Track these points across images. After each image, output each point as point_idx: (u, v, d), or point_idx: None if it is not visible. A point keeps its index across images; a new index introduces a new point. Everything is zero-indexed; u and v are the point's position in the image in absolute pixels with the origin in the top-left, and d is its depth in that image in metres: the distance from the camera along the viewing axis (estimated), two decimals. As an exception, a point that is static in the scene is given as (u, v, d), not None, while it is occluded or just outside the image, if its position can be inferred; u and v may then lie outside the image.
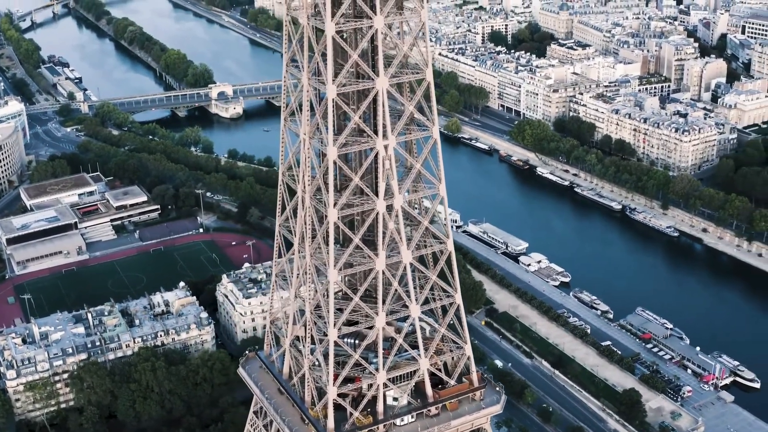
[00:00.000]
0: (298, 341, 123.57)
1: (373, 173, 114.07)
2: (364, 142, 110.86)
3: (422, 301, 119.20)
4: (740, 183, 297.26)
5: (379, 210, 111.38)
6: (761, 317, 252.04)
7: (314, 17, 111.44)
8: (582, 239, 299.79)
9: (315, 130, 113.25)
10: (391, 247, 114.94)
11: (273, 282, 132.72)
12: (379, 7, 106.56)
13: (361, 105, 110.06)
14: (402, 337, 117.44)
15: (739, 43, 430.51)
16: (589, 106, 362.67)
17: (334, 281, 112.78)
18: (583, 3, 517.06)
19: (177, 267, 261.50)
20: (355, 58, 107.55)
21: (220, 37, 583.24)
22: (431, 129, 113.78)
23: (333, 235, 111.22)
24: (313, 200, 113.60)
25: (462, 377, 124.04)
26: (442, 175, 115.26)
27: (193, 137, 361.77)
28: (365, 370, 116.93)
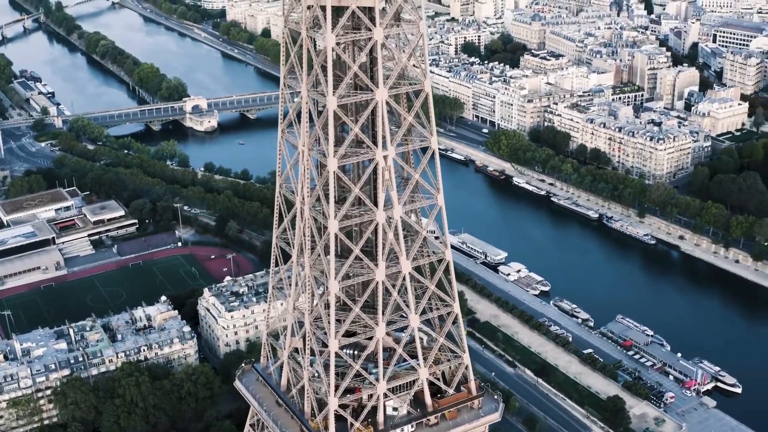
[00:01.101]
0: (296, 353, 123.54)
1: (371, 184, 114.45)
2: (364, 154, 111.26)
3: (420, 311, 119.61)
4: (715, 190, 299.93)
5: (378, 221, 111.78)
6: (739, 323, 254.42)
7: (312, 29, 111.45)
8: (560, 248, 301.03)
9: (314, 141, 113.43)
10: (389, 258, 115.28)
11: (270, 294, 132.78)
12: (379, 20, 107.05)
13: (359, 116, 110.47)
14: (402, 347, 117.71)
15: (710, 52, 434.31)
16: (564, 116, 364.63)
17: (335, 292, 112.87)
18: (554, 14, 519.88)
19: (156, 281, 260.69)
20: (355, 69, 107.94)
21: (192, 50, 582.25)
22: (430, 139, 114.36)
23: (334, 247, 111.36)
24: (312, 212, 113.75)
25: (460, 386, 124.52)
26: (440, 185, 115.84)
27: (169, 151, 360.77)
28: (365, 381, 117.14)
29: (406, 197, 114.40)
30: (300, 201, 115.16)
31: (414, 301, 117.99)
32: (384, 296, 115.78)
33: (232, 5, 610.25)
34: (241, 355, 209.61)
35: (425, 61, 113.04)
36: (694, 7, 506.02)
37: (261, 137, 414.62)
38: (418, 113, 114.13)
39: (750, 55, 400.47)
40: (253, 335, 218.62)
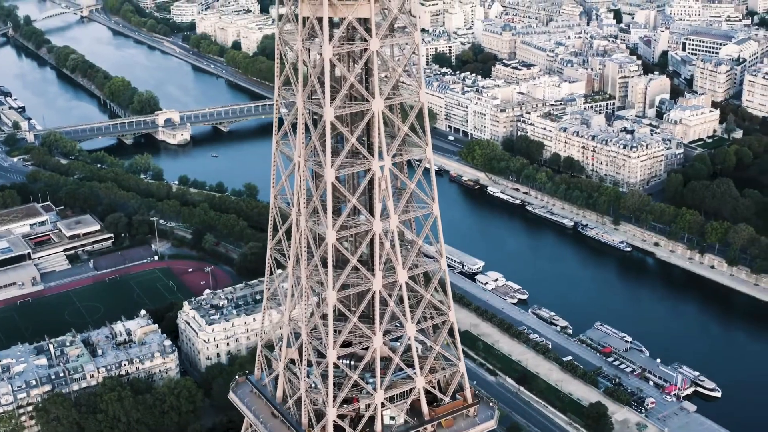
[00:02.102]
0: (292, 364, 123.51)
1: (367, 194, 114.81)
2: (360, 164, 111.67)
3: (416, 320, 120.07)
4: (689, 197, 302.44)
5: (375, 230, 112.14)
6: (716, 328, 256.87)
7: (308, 40, 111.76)
8: (536, 257, 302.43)
9: (310, 152, 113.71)
10: (385, 267, 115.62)
11: (264, 306, 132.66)
12: (375, 30, 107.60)
13: (354, 126, 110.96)
14: (399, 356, 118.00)
15: (680, 60, 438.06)
16: (537, 125, 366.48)
17: (333, 303, 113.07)
18: (524, 24, 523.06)
19: (134, 295, 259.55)
20: (352, 80, 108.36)
21: (162, 63, 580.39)
22: (425, 149, 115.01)
23: (332, 257, 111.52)
24: (308, 222, 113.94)
25: (456, 394, 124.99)
26: (435, 195, 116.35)
27: (143, 164, 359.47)
28: (362, 391, 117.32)
29: (402, 207, 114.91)
30: (296, 212, 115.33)
31: (410, 311, 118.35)
32: (380, 306, 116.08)
33: (202, 18, 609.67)
34: (222, 368, 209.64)
35: (420, 71, 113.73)
36: (663, 16, 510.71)
37: (234, 150, 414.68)
38: (413, 123, 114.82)
39: (720, 62, 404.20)
40: (234, 348, 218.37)
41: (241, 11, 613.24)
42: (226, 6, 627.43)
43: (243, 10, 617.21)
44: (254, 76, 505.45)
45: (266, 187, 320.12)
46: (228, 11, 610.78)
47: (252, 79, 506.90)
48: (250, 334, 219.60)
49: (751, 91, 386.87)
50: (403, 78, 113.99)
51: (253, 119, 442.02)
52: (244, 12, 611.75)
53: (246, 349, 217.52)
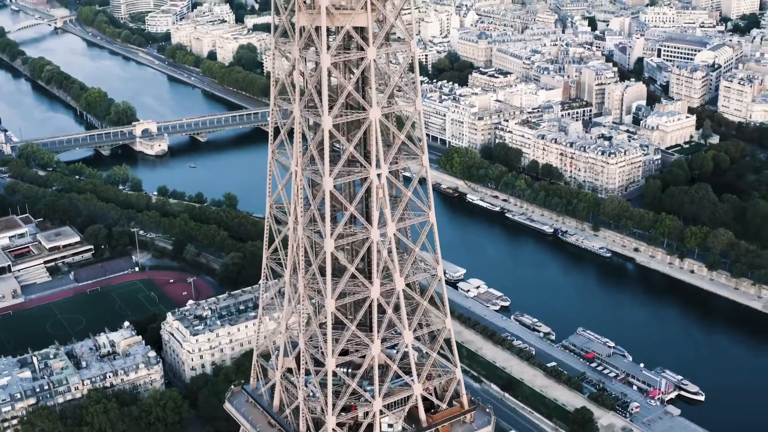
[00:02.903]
0: (289, 373, 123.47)
1: (363, 202, 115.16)
2: (358, 172, 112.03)
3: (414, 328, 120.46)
4: (668, 202, 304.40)
5: (373, 238, 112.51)
6: (697, 332, 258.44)
7: (304, 49, 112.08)
8: (517, 263, 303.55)
9: (308, 161, 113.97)
10: (382, 275, 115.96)
11: (260, 315, 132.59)
12: (372, 39, 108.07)
13: (351, 135, 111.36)
14: (397, 363, 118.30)
15: (656, 66, 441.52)
16: (515, 133, 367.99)
17: (332, 311, 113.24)
18: (500, 32, 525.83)
19: (116, 307, 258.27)
20: (350, 89, 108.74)
21: (137, 74, 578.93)
22: (421, 157, 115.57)
23: (330, 266, 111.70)
24: (306, 231, 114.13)
25: (452, 401, 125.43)
26: (432, 203, 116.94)
27: (121, 175, 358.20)
28: (360, 398, 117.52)
29: (398, 214, 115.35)
30: (293, 221, 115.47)
31: (407, 318, 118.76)
32: (378, 314, 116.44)
33: (177, 28, 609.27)
34: (207, 379, 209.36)
35: (416, 79, 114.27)
36: (638, 23, 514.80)
37: (212, 160, 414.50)
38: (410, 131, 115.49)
39: (695, 68, 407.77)
40: (219, 359, 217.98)
41: (216, 21, 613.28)
42: (201, 16, 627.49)
43: (218, 20, 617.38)
44: (230, 86, 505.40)
45: (246, 197, 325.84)
46: (203, 21, 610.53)
47: (228, 89, 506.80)
48: (235, 345, 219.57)
49: (727, 96, 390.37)
50: (398, 86, 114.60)
51: (230, 129, 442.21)
52: (219, 22, 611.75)
53: (230, 359, 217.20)
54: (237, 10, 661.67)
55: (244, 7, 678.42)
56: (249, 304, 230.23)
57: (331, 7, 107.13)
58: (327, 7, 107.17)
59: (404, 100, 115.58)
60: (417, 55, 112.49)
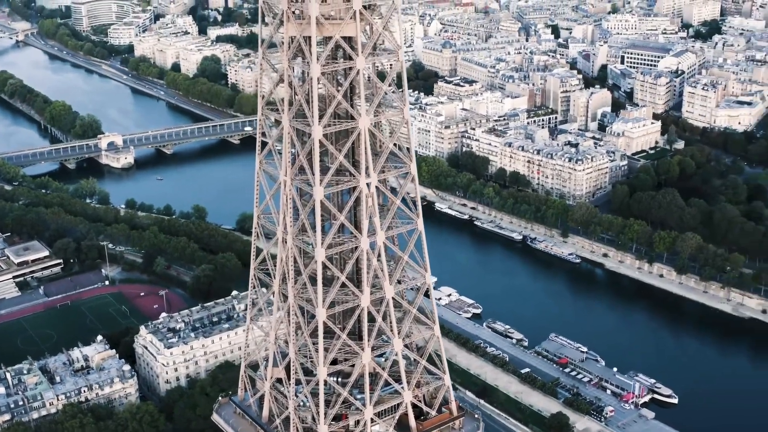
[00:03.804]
0: (279, 383, 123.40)
1: (352, 211, 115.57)
2: (347, 181, 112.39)
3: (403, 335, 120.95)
4: (636, 207, 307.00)
5: (363, 247, 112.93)
6: (668, 335, 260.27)
7: (292, 60, 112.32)
8: (487, 271, 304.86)
9: (297, 171, 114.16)
10: (372, 284, 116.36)
11: (248, 325, 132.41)
12: (360, 49, 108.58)
13: (339, 144, 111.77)
14: (387, 371, 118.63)
15: (619, 73, 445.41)
16: (482, 141, 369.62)
17: (323, 320, 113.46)
18: (464, 41, 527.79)
19: (87, 321, 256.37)
20: (339, 98, 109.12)
21: (101, 86, 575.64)
22: (409, 165, 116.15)
23: (321, 275, 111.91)
24: (295, 241, 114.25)
25: (441, 407, 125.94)
26: (420, 211, 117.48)
27: (88, 189, 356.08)
28: (351, 407, 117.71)
29: (388, 223, 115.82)
30: (282, 231, 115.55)
31: (397, 326, 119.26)
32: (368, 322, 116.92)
33: (140, 40, 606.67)
34: (183, 392, 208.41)
35: (404, 88, 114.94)
36: (600, 31, 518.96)
37: (179, 172, 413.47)
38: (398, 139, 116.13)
39: (659, 75, 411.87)
40: (193, 371, 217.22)
41: (179, 33, 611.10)
42: (164, 28, 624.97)
43: (181, 32, 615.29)
44: (195, 97, 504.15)
45: (214, 208, 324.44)
46: (166, 33, 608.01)
47: (193, 101, 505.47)
48: (209, 357, 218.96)
49: (691, 102, 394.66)
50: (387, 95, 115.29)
51: (196, 141, 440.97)
52: (183, 34, 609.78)
53: (205, 371, 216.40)
54: (200, 21, 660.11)
55: (206, 19, 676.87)
56: (222, 316, 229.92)
57: (321, 17, 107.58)
58: (316, 17, 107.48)
59: (391, 109, 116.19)
60: (404, 64, 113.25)
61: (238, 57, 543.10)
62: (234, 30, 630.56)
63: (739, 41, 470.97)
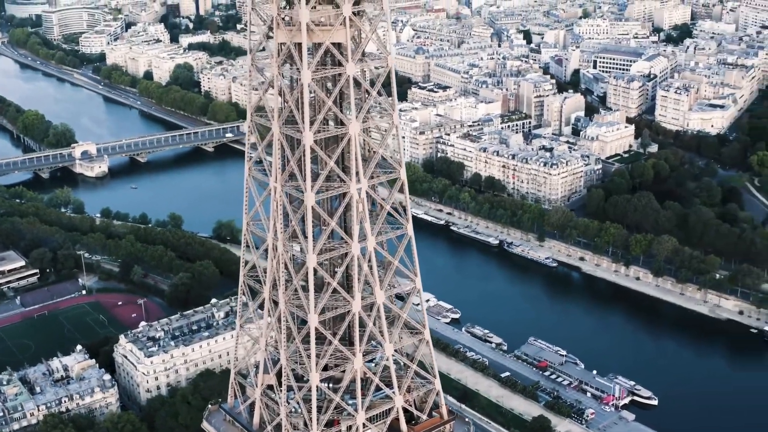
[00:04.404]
0: (269, 389, 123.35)
1: (342, 217, 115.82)
2: (338, 187, 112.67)
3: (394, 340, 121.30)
4: (611, 211, 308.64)
5: (354, 253, 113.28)
6: (646, 337, 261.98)
7: (282, 66, 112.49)
8: (465, 276, 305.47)
9: (288, 177, 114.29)
10: (362, 289, 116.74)
11: (237, 332, 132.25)
12: (350, 55, 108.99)
13: (329, 150, 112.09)
14: (378, 376, 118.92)
15: (592, 77, 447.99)
16: (457, 146, 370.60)
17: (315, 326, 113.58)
18: (437, 47, 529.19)
19: (64, 331, 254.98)
20: (330, 104, 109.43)
21: (73, 95, 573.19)
22: (398, 171, 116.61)
23: (313, 281, 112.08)
24: (286, 246, 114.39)
25: (432, 412, 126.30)
26: (410, 216, 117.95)
27: (63, 198, 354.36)
28: (343, 412, 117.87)
29: (378, 228, 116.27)
30: (272, 237, 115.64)
31: (387, 331, 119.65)
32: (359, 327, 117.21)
33: (111, 49, 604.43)
34: (164, 401, 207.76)
35: (393, 94, 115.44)
36: (572, 35, 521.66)
37: (153, 180, 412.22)
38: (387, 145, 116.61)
39: (632, 79, 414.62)
40: (174, 380, 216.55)
41: (151, 41, 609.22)
42: (136, 36, 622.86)
43: (153, 40, 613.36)
44: (168, 105, 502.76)
45: (190, 216, 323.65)
46: (138, 41, 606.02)
47: (166, 108, 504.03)
48: (190, 365, 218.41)
49: (664, 105, 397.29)
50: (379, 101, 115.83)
51: (170, 149, 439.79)
52: (154, 42, 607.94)
53: (186, 380, 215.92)
54: (171, 29, 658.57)
55: (178, 27, 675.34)
56: (202, 324, 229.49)
57: (311, 24, 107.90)
58: (307, 23, 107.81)
59: (380, 115, 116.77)
60: (393, 69, 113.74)
61: (210, 65, 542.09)
62: (206, 38, 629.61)
63: (710, 45, 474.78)
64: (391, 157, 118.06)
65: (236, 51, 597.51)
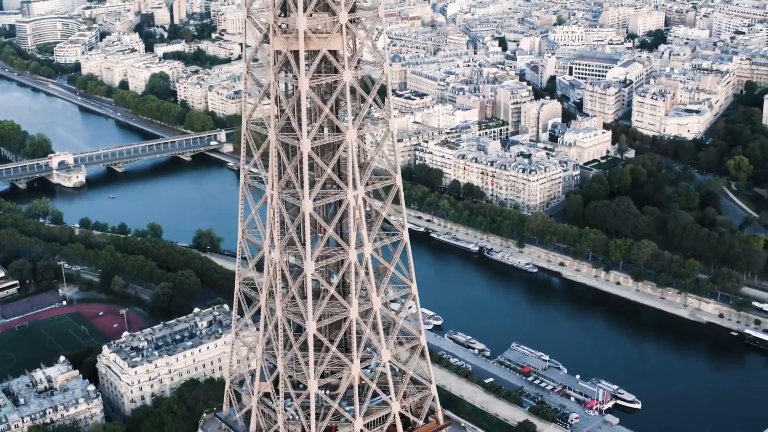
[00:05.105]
0: (266, 397, 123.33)
1: (339, 223, 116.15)
2: (335, 194, 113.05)
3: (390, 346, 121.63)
4: (590, 216, 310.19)
5: (351, 259, 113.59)
6: (627, 341, 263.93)
7: (278, 73, 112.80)
8: (445, 282, 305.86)
9: (284, 184, 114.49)
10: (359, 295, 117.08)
11: (233, 341, 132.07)
12: (347, 62, 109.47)
13: (326, 157, 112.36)
14: (375, 382, 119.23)
15: (568, 84, 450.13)
16: (435, 153, 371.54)
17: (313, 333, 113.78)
18: (413, 54, 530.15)
19: (46, 342, 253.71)
20: (327, 111, 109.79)
21: (48, 105, 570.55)
22: (395, 177, 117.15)
23: (311, 288, 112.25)
24: (283, 254, 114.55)
25: (428, 417, 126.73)
26: (405, 222, 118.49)
27: (41, 209, 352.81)
28: (341, 419, 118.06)
29: (375, 234, 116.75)
30: (268, 244, 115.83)
31: (384, 336, 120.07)
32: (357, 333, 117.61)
33: (87, 59, 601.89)
34: (148, 411, 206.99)
35: (389, 100, 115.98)
36: (548, 42, 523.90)
37: (131, 190, 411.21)
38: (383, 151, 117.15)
39: (608, 85, 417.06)
40: (158, 390, 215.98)
41: (126, 51, 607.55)
42: (111, 46, 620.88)
43: (128, 49, 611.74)
44: (144, 115, 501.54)
45: (169, 226, 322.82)
46: (113, 51, 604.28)
47: (142, 118, 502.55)
48: (174, 375, 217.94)
49: (641, 111, 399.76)
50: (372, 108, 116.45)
51: (147, 159, 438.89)
52: (129, 51, 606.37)
53: (170, 389, 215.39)
54: (146, 39, 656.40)
55: (153, 36, 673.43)
56: (185, 333, 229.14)
57: (308, 31, 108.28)
58: (304, 30, 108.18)
59: (376, 121, 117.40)
60: (390, 76, 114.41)
61: (186, 74, 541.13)
62: (181, 47, 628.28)
63: (684, 50, 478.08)
64: (388, 163, 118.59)
65: (211, 60, 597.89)
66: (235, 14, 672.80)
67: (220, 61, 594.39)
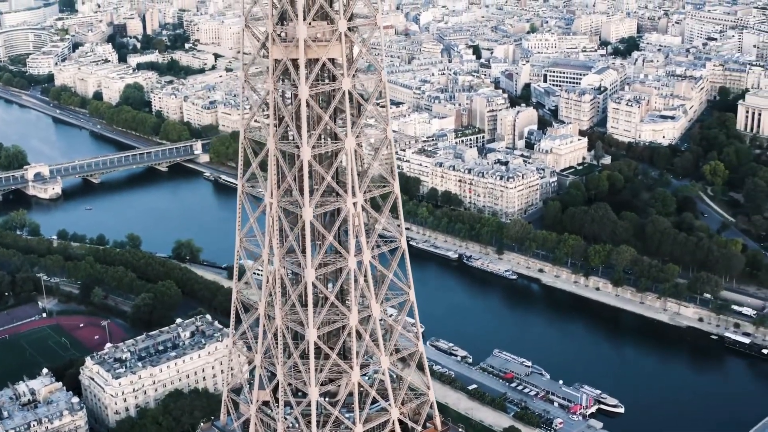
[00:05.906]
0: (265, 406, 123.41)
1: (338, 231, 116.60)
2: (334, 202, 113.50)
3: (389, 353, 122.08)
4: (568, 223, 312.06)
5: (350, 266, 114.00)
6: (608, 346, 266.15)
7: (277, 81, 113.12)
8: (426, 290, 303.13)
9: (284, 193, 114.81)
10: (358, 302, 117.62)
11: (230, 350, 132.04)
12: (346, 70, 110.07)
13: (325, 165, 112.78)
14: (375, 389, 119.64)
15: (543, 91, 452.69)
16: (413, 161, 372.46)
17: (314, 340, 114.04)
18: (387, 62, 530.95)
19: (26, 355, 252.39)
20: (326, 119, 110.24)
21: (21, 117, 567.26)
22: (392, 185, 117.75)
23: (312, 296, 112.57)
24: (282, 262, 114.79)
25: (426, 423, 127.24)
26: (403, 229, 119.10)
27: (18, 220, 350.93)
28: (341, 426, 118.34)
29: (374, 242, 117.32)
30: (267, 252, 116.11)
31: (383, 343, 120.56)
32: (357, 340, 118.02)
33: (60, 70, 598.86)
34: (133, 422, 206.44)
35: (387, 108, 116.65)
36: (522, 50, 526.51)
37: (108, 201, 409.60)
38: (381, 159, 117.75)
39: (583, 92, 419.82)
40: (143, 401, 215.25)
41: (100, 61, 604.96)
42: (84, 57, 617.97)
43: (101, 60, 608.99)
44: (119, 126, 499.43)
45: (147, 237, 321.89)
46: (86, 62, 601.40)
47: (117, 129, 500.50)
48: (158, 386, 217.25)
49: (616, 118, 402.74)
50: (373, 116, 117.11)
51: (123, 170, 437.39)
52: (103, 62, 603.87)
53: (154, 400, 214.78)
54: (119, 49, 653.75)
55: (126, 47, 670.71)
56: (168, 344, 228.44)
57: (308, 39, 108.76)
58: (304, 39, 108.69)
59: (373, 129, 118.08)
60: (387, 84, 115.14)
61: (161, 84, 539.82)
62: (154, 57, 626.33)
63: (657, 57, 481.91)
64: (385, 170, 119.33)
65: (185, 70, 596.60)
66: (208, 24, 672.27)
67: (194, 71, 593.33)
